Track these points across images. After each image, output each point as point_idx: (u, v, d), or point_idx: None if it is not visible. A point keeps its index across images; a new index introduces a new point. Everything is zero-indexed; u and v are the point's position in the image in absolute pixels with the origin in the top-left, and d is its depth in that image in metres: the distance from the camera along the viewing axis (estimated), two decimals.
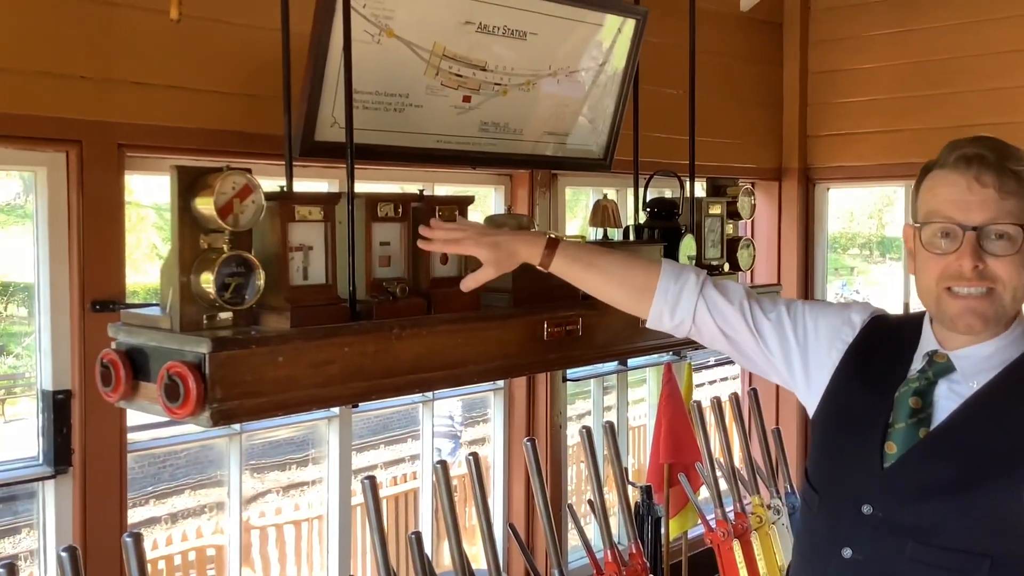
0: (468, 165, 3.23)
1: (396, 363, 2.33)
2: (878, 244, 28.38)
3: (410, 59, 2.71)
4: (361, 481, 2.51)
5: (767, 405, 5.05)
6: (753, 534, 3.54)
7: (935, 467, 1.62)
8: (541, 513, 2.90)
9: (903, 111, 4.74)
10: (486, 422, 4.06)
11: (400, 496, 6.89)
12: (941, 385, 1.67)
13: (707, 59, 4.27)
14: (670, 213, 3.47)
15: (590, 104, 3.39)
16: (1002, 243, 1.60)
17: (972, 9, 4.51)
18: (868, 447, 1.69)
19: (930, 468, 1.62)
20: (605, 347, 2.99)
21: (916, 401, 1.67)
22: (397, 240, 2.45)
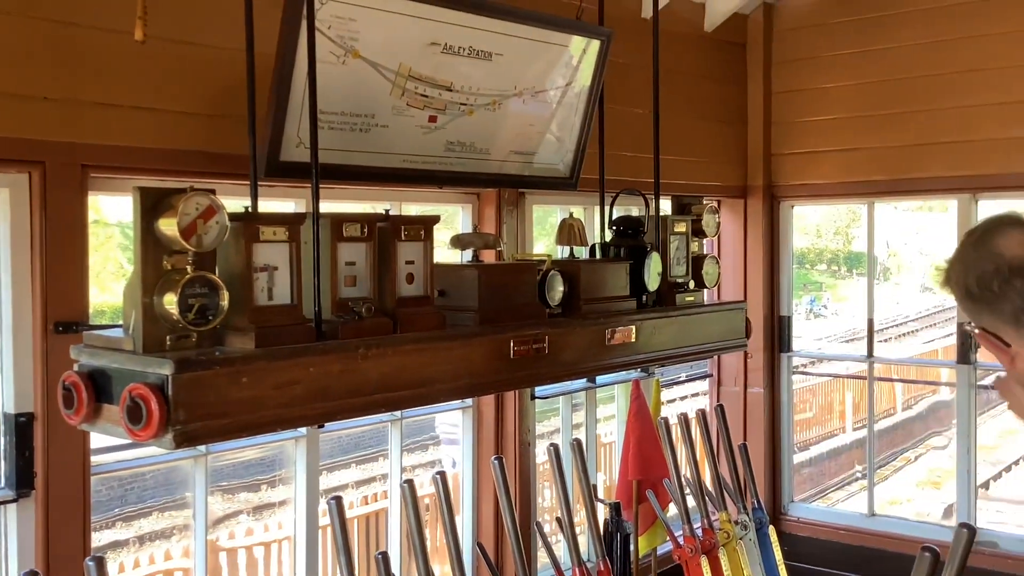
0: (435, 184, 3.25)
1: (362, 383, 2.33)
2: (845, 259, 28.70)
3: (376, 80, 2.73)
4: (327, 501, 2.50)
5: (734, 422, 5.09)
6: (721, 550, 3.56)
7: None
8: (509, 532, 2.90)
9: (864, 130, 4.82)
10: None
11: (371, 516, 6.84)
12: None
13: (672, 79, 4.32)
14: (636, 231, 3.50)
15: (556, 123, 3.42)
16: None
17: (930, 30, 4.60)
18: None
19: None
20: (572, 365, 3.01)
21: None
22: (363, 260, 2.45)
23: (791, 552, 4.78)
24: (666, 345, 3.41)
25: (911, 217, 27.89)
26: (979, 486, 11.32)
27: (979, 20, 4.46)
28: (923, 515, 9.84)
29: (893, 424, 14.23)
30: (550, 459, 3.14)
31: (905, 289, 27.94)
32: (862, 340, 5.28)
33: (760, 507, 3.82)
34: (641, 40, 3.67)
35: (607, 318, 3.12)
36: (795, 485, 5.47)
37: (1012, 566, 4.43)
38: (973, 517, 4.69)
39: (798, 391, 12.49)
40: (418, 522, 2.61)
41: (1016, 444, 14.14)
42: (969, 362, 4.68)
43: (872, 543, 4.84)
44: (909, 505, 11.18)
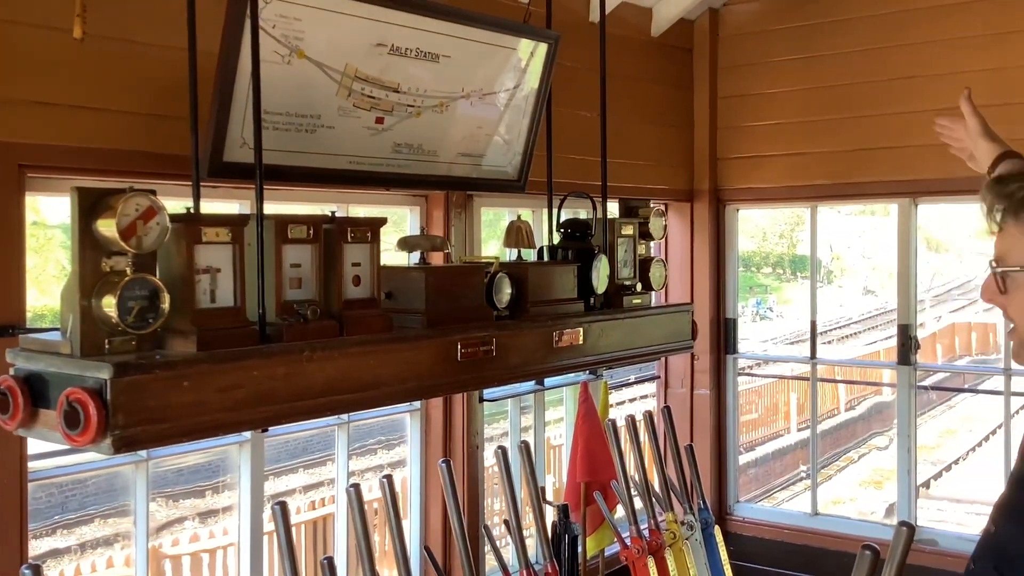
0: (382, 186, 3.23)
1: (307, 386, 2.31)
2: (790, 263, 29.15)
3: (322, 80, 2.70)
4: (272, 507, 2.47)
5: (681, 423, 5.14)
6: (667, 550, 3.58)
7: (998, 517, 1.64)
8: (457, 535, 2.89)
9: (808, 135, 4.90)
10: (403, 444, 4.04)
11: (319, 520, 6.78)
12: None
13: (620, 83, 4.35)
14: (583, 234, 3.51)
15: (504, 126, 3.42)
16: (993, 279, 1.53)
17: (870, 37, 4.69)
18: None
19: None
20: (519, 367, 3.01)
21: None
22: (308, 262, 2.43)
23: (737, 552, 4.84)
24: (613, 347, 3.43)
25: (854, 221, 28.42)
26: (920, 485, 11.57)
27: (918, 28, 4.56)
28: (866, 514, 10.02)
29: (837, 424, 14.48)
30: (498, 462, 3.14)
31: (848, 292, 28.45)
32: (806, 342, 5.37)
33: (706, 507, 3.85)
34: (589, 44, 3.69)
35: (555, 320, 3.13)
36: (741, 485, 5.54)
37: (952, 563, 4.52)
38: (913, 516, 4.78)
39: (744, 392, 12.66)
40: (364, 527, 2.59)
41: (956, 444, 14.47)
42: (909, 363, 4.77)
43: (816, 542, 4.92)
44: (852, 504, 11.38)
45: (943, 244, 32.89)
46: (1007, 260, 1.47)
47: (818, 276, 24.96)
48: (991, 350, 19.30)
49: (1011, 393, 4.76)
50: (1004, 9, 4.35)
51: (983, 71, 4.39)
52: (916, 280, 4.84)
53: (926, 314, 22.12)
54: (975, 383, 15.73)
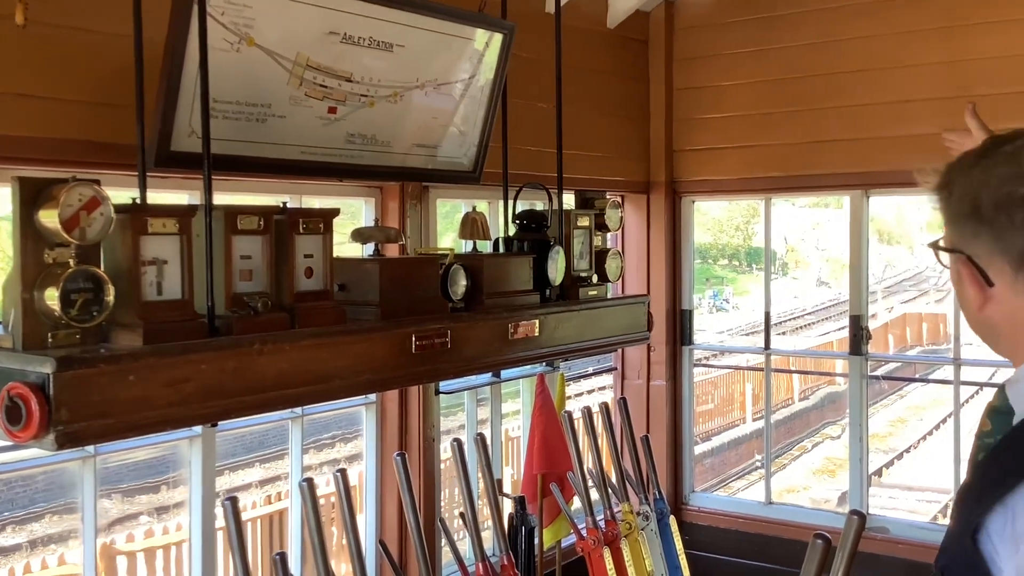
0: (335, 177, 3.19)
1: (258, 380, 2.28)
2: (746, 254, 29.46)
3: (272, 68, 2.66)
4: (222, 502, 2.43)
5: (638, 414, 5.16)
6: (623, 541, 3.60)
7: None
8: (412, 528, 2.87)
9: (762, 127, 4.93)
10: (360, 437, 4.00)
11: (275, 515, 6.72)
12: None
13: (576, 74, 4.35)
14: (539, 225, 3.51)
15: (459, 117, 3.39)
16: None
17: (823, 30, 4.73)
18: None
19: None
20: (475, 359, 3.00)
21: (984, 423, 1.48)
22: (259, 253, 2.40)
23: (692, 541, 4.87)
24: (569, 339, 3.43)
25: (808, 213, 28.78)
26: (872, 474, 11.75)
27: (870, 21, 4.60)
28: (819, 502, 10.16)
29: (791, 414, 14.67)
30: (453, 454, 3.12)
31: (803, 283, 28.81)
32: (761, 333, 5.41)
33: (661, 498, 3.87)
34: (545, 35, 3.68)
35: (510, 312, 3.12)
36: (697, 475, 5.57)
37: (903, 551, 4.60)
38: (865, 504, 4.85)
39: (701, 383, 12.78)
40: (317, 522, 2.56)
41: (908, 432, 14.73)
42: (861, 353, 4.83)
43: (769, 531, 4.96)
44: (806, 493, 11.54)
45: (895, 236, 33.44)
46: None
47: (773, 268, 25.38)
48: (942, 340, 19.66)
49: (960, 382, 4.83)
50: (955, 2, 4.40)
51: (935, 64, 4.45)
52: (868, 271, 4.89)
53: (878, 305, 22.49)
54: (926, 373, 16.03)
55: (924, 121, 4.45)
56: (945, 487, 8.33)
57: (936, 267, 1.67)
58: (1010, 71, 4.21)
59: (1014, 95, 4.19)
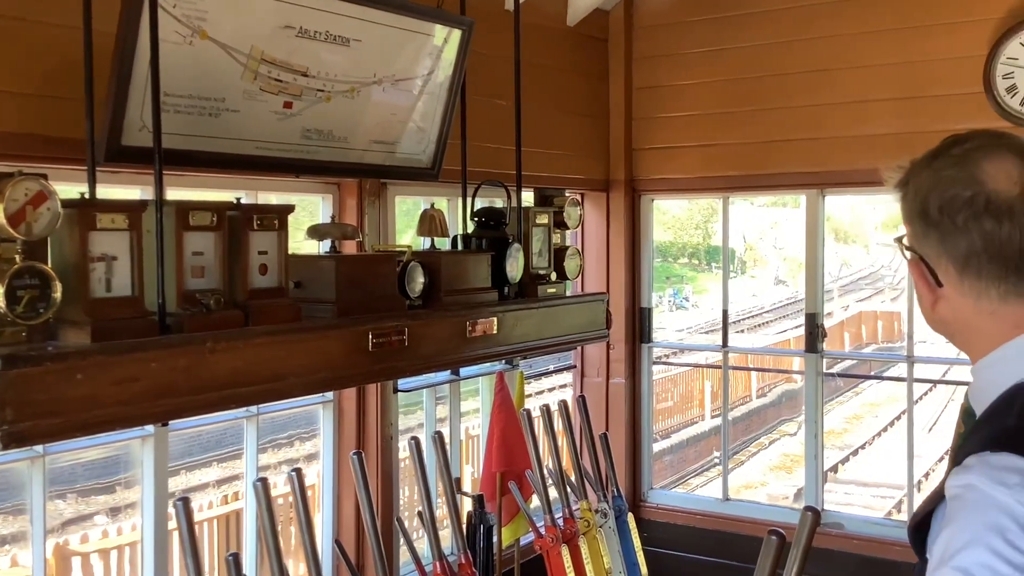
0: (291, 173, 3.15)
1: (210, 378, 2.24)
2: (705, 253, 29.69)
3: (226, 62, 2.62)
4: (174, 503, 2.39)
5: (598, 412, 5.17)
6: (581, 538, 3.60)
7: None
8: (368, 528, 2.85)
9: (720, 126, 4.95)
10: (317, 436, 3.96)
11: (231, 515, 6.65)
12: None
13: (535, 72, 4.34)
14: (498, 223, 3.50)
15: (418, 113, 3.37)
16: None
17: (780, 31, 4.76)
18: None
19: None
20: (432, 357, 2.98)
21: (960, 425, 1.48)
22: (212, 250, 2.36)
23: (650, 538, 4.89)
24: (528, 337, 3.43)
25: (767, 212, 29.07)
26: (827, 470, 11.88)
27: (826, 22, 4.65)
28: (776, 498, 10.27)
29: (749, 411, 14.82)
30: (411, 453, 3.11)
31: (761, 281, 29.11)
32: (719, 331, 5.45)
33: (620, 495, 3.88)
34: (504, 32, 3.66)
35: (468, 310, 3.11)
36: (656, 472, 5.60)
37: (857, 546, 4.65)
38: (820, 500, 4.90)
39: (660, 381, 12.86)
40: (271, 522, 2.53)
41: (863, 429, 14.95)
42: (816, 351, 4.88)
43: (726, 527, 5.00)
44: (764, 489, 11.66)
45: (851, 235, 33.90)
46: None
47: (731, 266, 25.51)
48: (896, 338, 19.97)
49: (914, 379, 4.90)
50: (910, 3, 4.46)
51: (889, 65, 4.50)
52: (823, 270, 4.94)
53: (834, 303, 22.80)
54: (880, 370, 16.27)
55: (878, 122, 4.51)
56: (899, 483, 8.45)
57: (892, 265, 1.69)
58: (962, 72, 4.27)
59: (965, 96, 4.26)
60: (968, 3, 4.32)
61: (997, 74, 4.18)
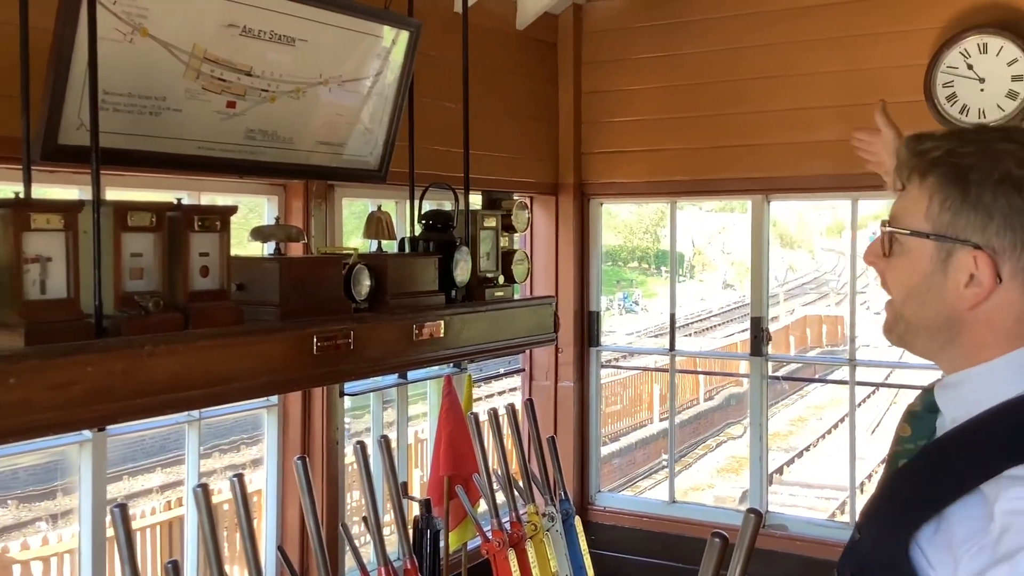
0: (235, 174, 3.11)
1: (149, 382, 2.19)
2: (655, 257, 29.94)
3: (167, 60, 2.57)
4: (111, 509, 2.34)
5: (546, 415, 5.17)
6: (528, 542, 3.60)
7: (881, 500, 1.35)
8: (312, 534, 2.81)
9: (668, 131, 4.99)
10: (261, 441, 3.90)
11: (174, 521, 6.54)
12: (941, 417, 1.36)
13: (484, 74, 4.33)
14: (445, 225, 3.48)
15: (366, 115, 3.34)
16: (880, 241, 1.35)
17: (727, 38, 4.82)
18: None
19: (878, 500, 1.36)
20: (378, 360, 2.95)
21: (904, 428, 1.41)
22: (151, 251, 2.31)
23: (597, 541, 4.91)
24: (475, 340, 3.41)
25: (715, 217, 29.41)
26: (772, 472, 12.03)
27: (771, 30, 4.71)
28: (723, 500, 10.38)
29: (697, 413, 14.96)
30: (356, 457, 3.08)
31: (709, 286, 29.42)
32: (667, 335, 5.49)
33: (567, 498, 3.89)
34: (453, 34, 3.65)
35: (415, 313, 3.08)
36: (605, 475, 5.62)
37: (800, 547, 4.71)
38: (765, 502, 4.95)
39: (610, 384, 12.93)
40: (212, 528, 2.49)
41: (807, 431, 15.17)
42: (761, 354, 4.94)
43: (673, 529, 5.03)
44: (711, 491, 11.78)
45: (796, 240, 34.41)
46: (900, 221, 1.32)
47: (680, 270, 25.62)
48: (840, 342, 20.29)
49: (856, 383, 4.98)
50: (854, 12, 4.54)
51: (832, 72, 4.58)
52: (768, 274, 5.01)
53: (780, 308, 23.11)
54: (824, 373, 16.52)
55: (822, 128, 4.58)
56: (842, 484, 8.58)
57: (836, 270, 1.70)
58: (903, 80, 4.36)
59: (907, 104, 4.34)
60: (909, 13, 4.41)
61: (937, 82, 4.27)
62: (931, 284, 1.28)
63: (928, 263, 1.28)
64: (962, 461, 1.23)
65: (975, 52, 4.20)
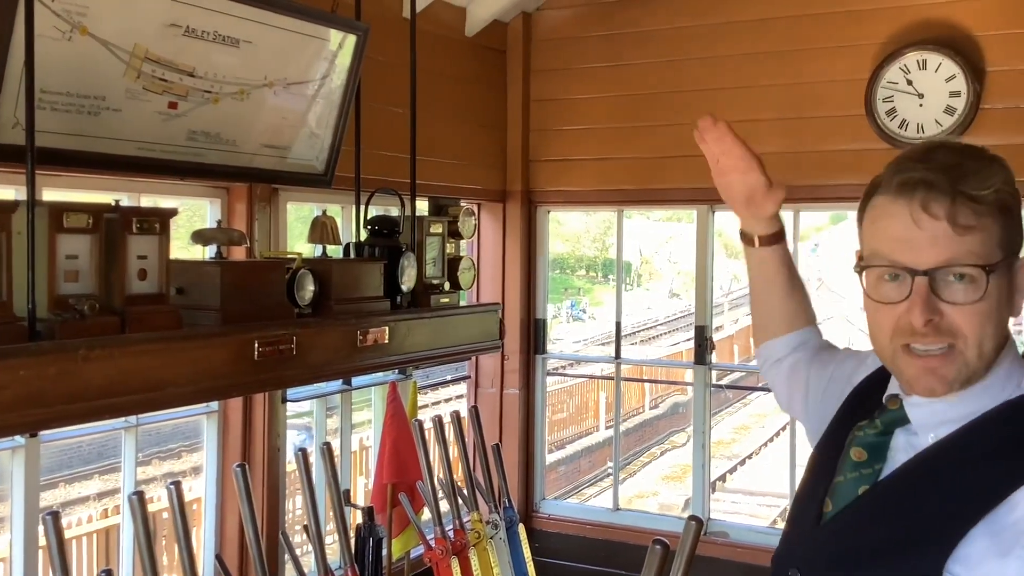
0: (176, 175, 3.05)
1: (83, 387, 2.15)
2: (602, 266, 30.14)
3: (107, 60, 2.52)
4: (43, 517, 2.28)
5: (491, 422, 5.16)
6: (471, 550, 3.58)
7: (864, 530, 1.35)
8: (251, 543, 2.77)
9: (615, 140, 5.02)
10: (201, 449, 3.84)
11: (111, 529, 6.41)
12: (899, 436, 1.39)
13: (433, 80, 4.32)
14: (391, 231, 3.46)
15: (311, 118, 3.31)
16: (962, 288, 1.27)
17: (673, 49, 4.87)
18: (810, 504, 1.46)
19: (859, 531, 1.36)
20: (321, 366, 2.93)
21: (859, 453, 1.40)
22: (87, 253, 2.27)
23: (541, 548, 4.91)
24: (420, 346, 3.40)
25: (663, 227, 29.69)
26: (716, 479, 12.11)
27: (717, 42, 4.77)
28: (668, 507, 10.46)
29: (642, 421, 15.06)
30: (297, 465, 3.04)
31: (656, 295, 29.68)
32: (614, 343, 5.52)
33: (511, 506, 3.88)
34: (402, 39, 3.64)
35: (359, 319, 3.06)
36: (552, 482, 5.63)
37: (741, 554, 4.76)
38: (707, 509, 5.00)
39: (557, 392, 12.96)
40: (147, 537, 2.44)
41: (750, 439, 15.35)
42: (705, 363, 4.98)
43: (617, 536, 5.05)
44: (655, 498, 11.86)
45: (741, 251, 34.80)
46: (983, 259, 1.28)
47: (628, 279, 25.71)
48: None
49: None
50: (798, 27, 4.61)
51: (775, 86, 4.64)
52: (712, 284, 5.06)
53: (725, 317, 23.38)
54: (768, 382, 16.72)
55: (764, 140, 4.62)
56: (783, 492, 8.69)
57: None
58: (845, 95, 4.44)
59: (848, 118, 4.43)
60: (851, 29, 4.50)
61: (878, 97, 4.36)
62: (1000, 307, 1.30)
63: (998, 290, 1.29)
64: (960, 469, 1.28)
65: (915, 68, 4.30)
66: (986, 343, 1.29)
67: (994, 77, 4.24)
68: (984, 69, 4.25)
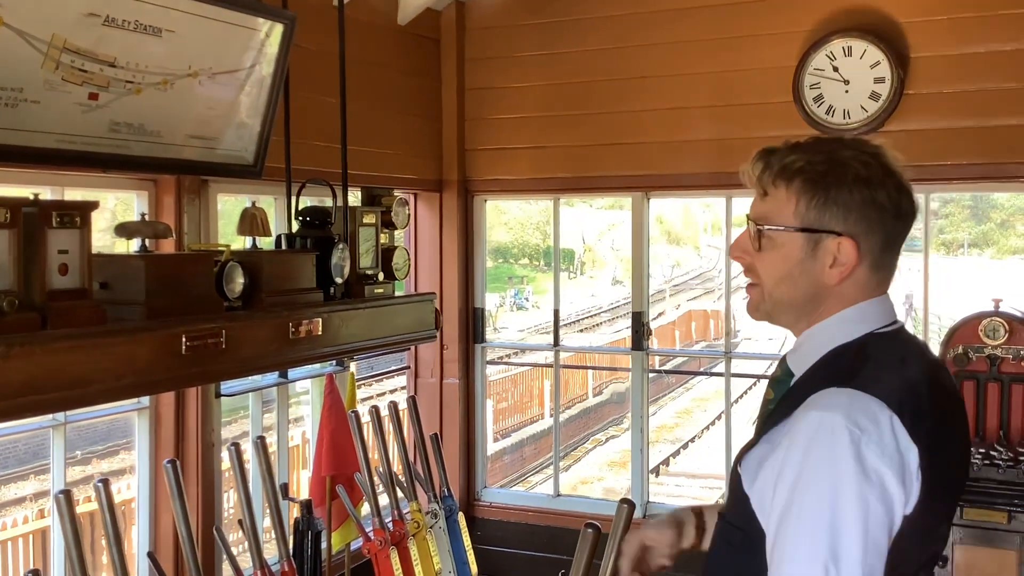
0: (98, 168, 2.99)
1: (3, 385, 2.10)
2: (544, 254, 30.24)
3: (24, 50, 2.45)
4: None
5: (431, 413, 5.16)
6: (411, 540, 3.58)
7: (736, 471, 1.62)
8: (183, 539, 2.74)
9: (551, 129, 5.04)
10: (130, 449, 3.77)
11: (46, 530, 6.28)
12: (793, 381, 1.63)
13: (365, 69, 4.29)
14: (323, 222, 3.43)
15: (240, 108, 3.26)
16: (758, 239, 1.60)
17: (607, 37, 4.89)
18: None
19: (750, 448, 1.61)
20: (253, 360, 2.89)
21: (768, 392, 1.66)
22: (5, 249, 2.20)
23: (483, 536, 4.93)
24: (355, 337, 3.37)
25: (605, 214, 29.87)
26: (660, 463, 12.26)
27: (650, 31, 4.80)
28: (613, 493, 10.55)
29: (586, 408, 15.17)
30: (231, 459, 3.01)
31: (599, 282, 29.88)
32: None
33: (450, 495, 3.89)
34: (331, 28, 3.60)
35: (291, 311, 3.03)
36: (496, 471, 5.64)
37: None
38: (646, 492, 5.05)
39: (501, 380, 12.99)
40: (75, 536, 2.40)
41: (692, 423, 15.56)
42: (642, 348, 5.03)
43: (558, 522, 5.09)
44: (600, 483, 11.97)
45: (683, 237, 35.27)
46: (771, 219, 1.57)
47: (571, 267, 25.93)
48: (722, 335, 20.90)
49: (731, 375, 5.14)
50: (728, 15, 4.66)
51: (708, 73, 4.70)
52: (649, 270, 5.11)
53: (666, 303, 23.63)
54: (709, 366, 16.98)
55: (698, 127, 4.70)
56: (722, 473, 8.85)
57: (719, 266, 1.82)
58: (773, 82, 4.51)
59: (776, 104, 4.50)
60: (779, 16, 4.56)
61: (805, 84, 4.43)
62: (803, 269, 1.55)
63: (799, 252, 1.55)
64: (788, 400, 1.54)
65: (840, 55, 4.38)
66: (779, 290, 1.59)
67: (918, 63, 4.34)
68: (908, 55, 4.35)
